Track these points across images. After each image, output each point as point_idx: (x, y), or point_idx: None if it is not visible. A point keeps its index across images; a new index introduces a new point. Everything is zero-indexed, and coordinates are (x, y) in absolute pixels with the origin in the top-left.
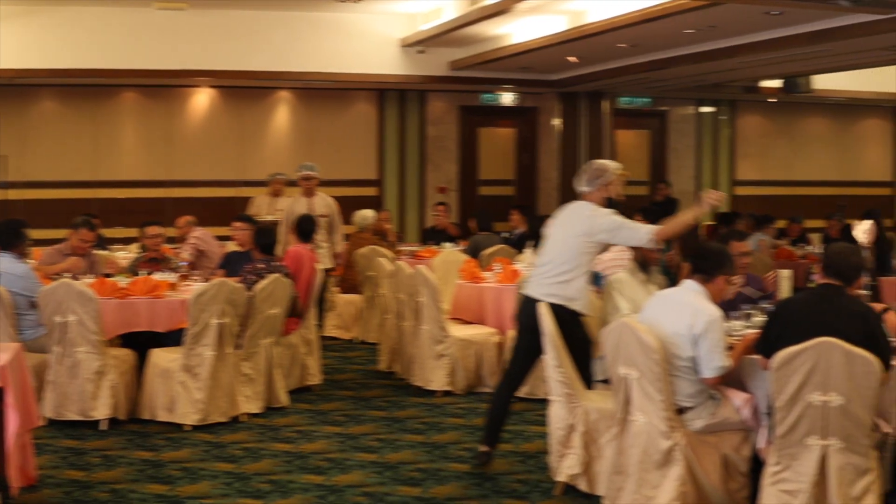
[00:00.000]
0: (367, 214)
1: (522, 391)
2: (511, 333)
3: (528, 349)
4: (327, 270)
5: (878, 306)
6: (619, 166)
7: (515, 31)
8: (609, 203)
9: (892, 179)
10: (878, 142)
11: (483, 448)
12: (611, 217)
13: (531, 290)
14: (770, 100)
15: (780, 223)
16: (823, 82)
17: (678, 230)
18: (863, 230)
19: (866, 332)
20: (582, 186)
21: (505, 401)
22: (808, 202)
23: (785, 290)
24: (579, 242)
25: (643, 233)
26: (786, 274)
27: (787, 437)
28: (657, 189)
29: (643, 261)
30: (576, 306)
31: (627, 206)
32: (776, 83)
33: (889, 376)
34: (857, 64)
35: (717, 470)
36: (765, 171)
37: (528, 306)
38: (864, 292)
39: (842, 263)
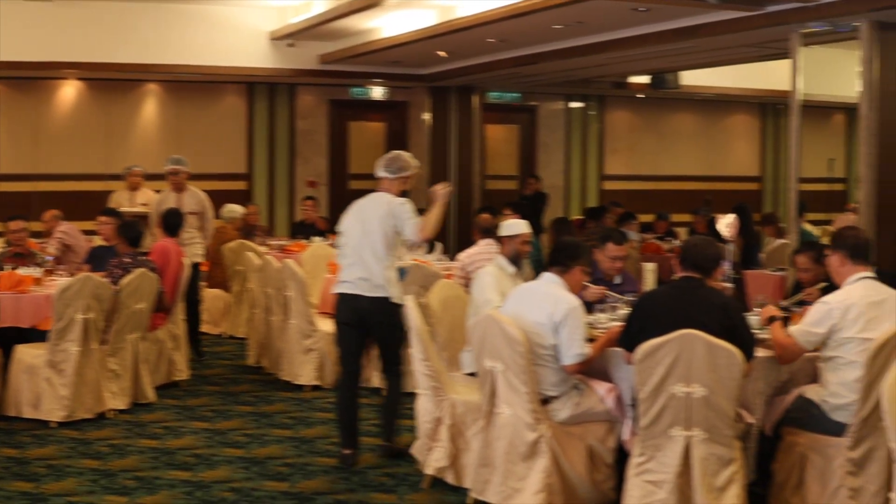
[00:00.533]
0: (234, 209)
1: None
2: None
3: (351, 343)
4: (198, 265)
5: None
6: (418, 164)
7: (385, 25)
8: (402, 195)
9: (759, 175)
10: (746, 138)
11: (346, 451)
12: (405, 206)
13: (350, 288)
14: (638, 95)
15: (648, 217)
16: (691, 78)
17: (433, 225)
18: (725, 224)
19: (727, 324)
20: (384, 173)
21: (350, 399)
22: (676, 197)
23: (649, 283)
24: (388, 230)
25: (413, 227)
26: (650, 267)
27: (650, 428)
28: (527, 183)
29: (515, 255)
30: (395, 297)
31: (497, 201)
32: (644, 79)
33: (752, 367)
34: (724, 60)
35: (583, 461)
36: (633, 166)
37: (347, 303)
38: (727, 285)
39: (699, 256)
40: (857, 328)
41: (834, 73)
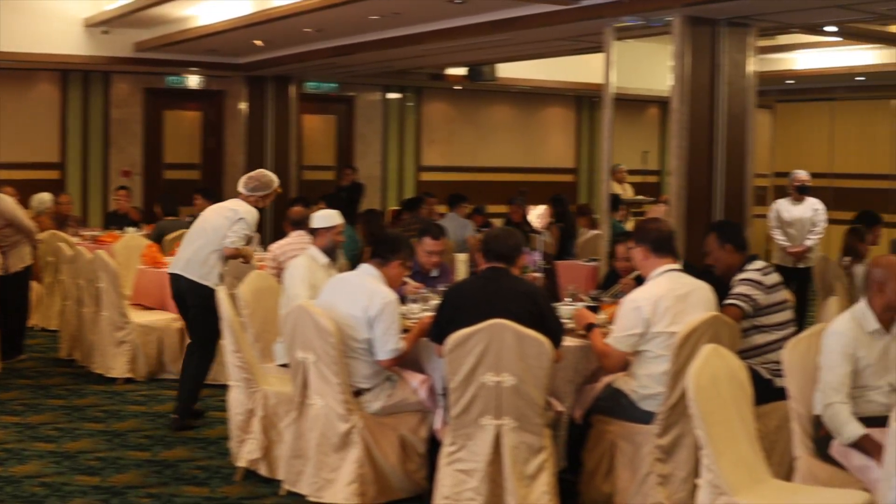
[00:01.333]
0: (44, 198)
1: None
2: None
3: (185, 318)
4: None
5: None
6: (278, 183)
7: (202, 13)
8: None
9: (574, 167)
10: (562, 130)
11: (174, 416)
12: (239, 224)
13: (174, 269)
14: (456, 87)
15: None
16: (508, 71)
17: (233, 253)
18: (537, 214)
19: (535, 311)
20: (241, 189)
21: (186, 367)
22: (493, 188)
23: (462, 274)
24: (220, 234)
25: (229, 244)
26: (462, 258)
27: (461, 417)
28: (343, 174)
29: (329, 246)
30: (212, 284)
31: (314, 191)
32: (462, 71)
33: (562, 355)
34: (540, 53)
35: (396, 451)
36: (450, 158)
37: (172, 282)
38: (537, 274)
39: (500, 246)
40: (665, 323)
41: (647, 66)
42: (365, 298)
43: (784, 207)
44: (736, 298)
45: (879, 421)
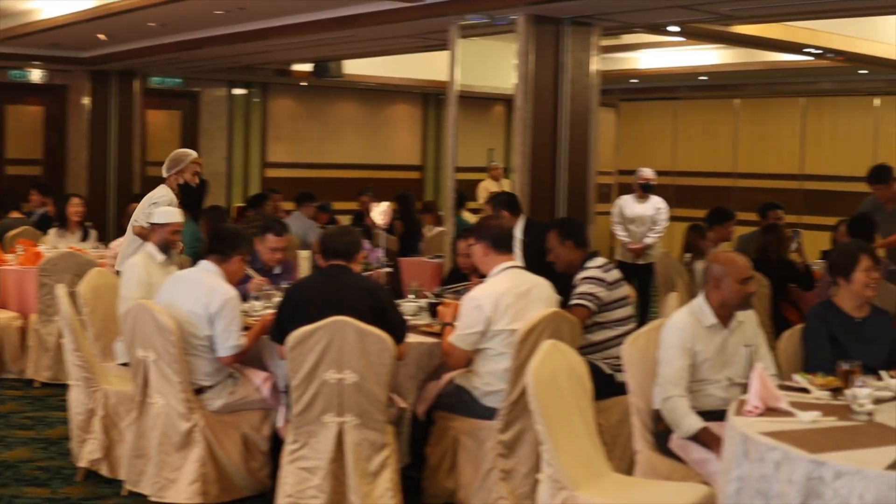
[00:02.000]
0: None
1: (44, 376)
2: (34, 317)
3: None
4: None
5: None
6: (194, 155)
7: (45, 6)
8: (182, 187)
9: (420, 164)
10: (408, 127)
11: None
12: (152, 207)
13: None
14: (302, 83)
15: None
16: (354, 67)
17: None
18: (380, 212)
19: (376, 306)
20: (164, 173)
21: None
22: (339, 185)
23: (304, 270)
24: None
25: (137, 222)
26: (304, 255)
27: (303, 414)
28: None
29: (164, 243)
30: None
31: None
32: (308, 67)
33: (405, 352)
34: (386, 50)
35: (238, 449)
36: (296, 154)
37: None
38: (382, 271)
39: (337, 244)
40: (507, 320)
41: (492, 64)
42: (205, 295)
43: (627, 204)
44: (581, 298)
45: (718, 415)
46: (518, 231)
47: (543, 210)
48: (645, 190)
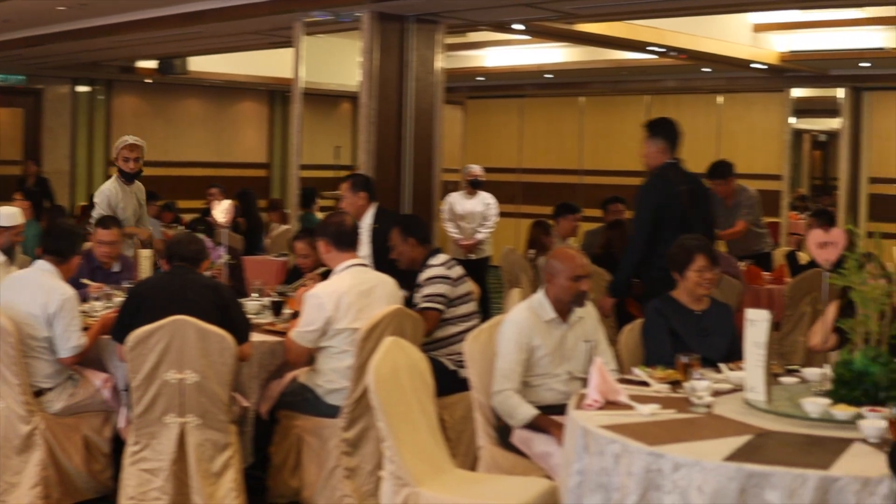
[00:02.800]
0: None
1: None
2: None
3: None
4: None
5: None
6: (125, 142)
7: None
8: (122, 173)
9: (267, 161)
10: (254, 124)
11: None
12: (97, 204)
13: None
14: (147, 80)
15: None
16: (199, 64)
17: None
18: (221, 210)
19: (220, 303)
20: None
21: None
22: (185, 183)
23: (145, 269)
24: None
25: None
26: (145, 254)
27: (144, 415)
28: (27, 169)
29: (8, 245)
30: None
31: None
32: (153, 64)
33: (247, 351)
34: (232, 47)
35: (80, 452)
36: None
37: None
38: (223, 269)
39: (184, 251)
40: (349, 319)
41: (337, 62)
42: (43, 295)
43: (457, 201)
44: (431, 301)
45: (558, 409)
46: (369, 217)
47: (389, 207)
48: (474, 186)
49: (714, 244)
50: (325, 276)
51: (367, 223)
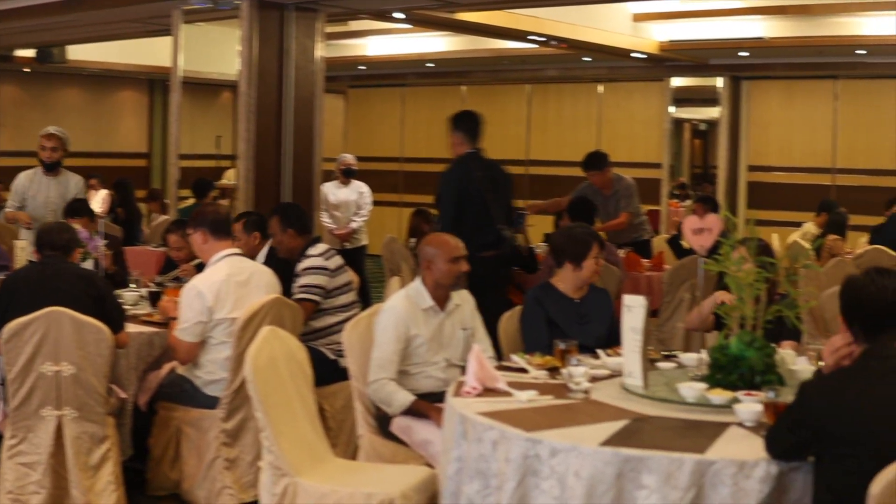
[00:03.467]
0: None
1: None
2: None
3: None
4: None
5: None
6: (44, 130)
7: None
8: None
9: (147, 151)
10: (134, 114)
11: None
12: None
13: None
14: (25, 69)
15: None
16: (78, 53)
17: None
18: (98, 200)
19: (94, 294)
20: None
21: None
22: None
23: (20, 261)
24: None
25: None
26: (21, 245)
27: (21, 409)
28: None
29: None
30: None
31: None
32: (31, 52)
33: (123, 340)
34: (111, 35)
35: None
36: (20, 143)
37: None
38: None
39: (55, 240)
40: (227, 309)
41: (217, 50)
42: None
43: (330, 191)
44: (307, 292)
45: (438, 396)
46: (262, 257)
47: (269, 197)
48: (347, 175)
49: (510, 228)
50: (199, 267)
51: (260, 261)
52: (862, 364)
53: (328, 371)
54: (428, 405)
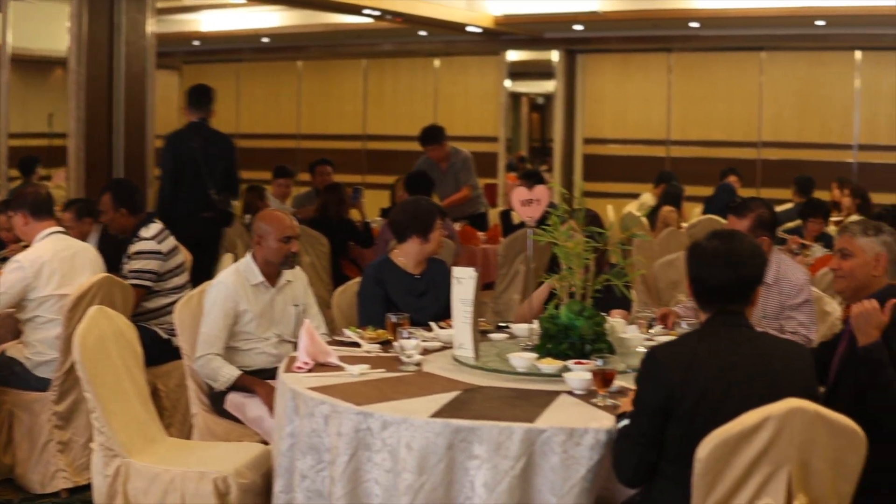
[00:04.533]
0: None
1: None
2: None
3: None
4: None
5: None
6: None
7: None
8: None
9: None
10: None
11: None
12: None
13: None
14: None
15: None
16: None
17: None
18: None
19: None
20: None
21: None
22: None
23: None
24: None
25: None
26: None
27: None
28: None
29: None
30: None
31: None
32: None
33: None
34: None
35: None
36: None
37: None
38: None
39: None
40: (53, 285)
41: (46, 26)
42: None
43: None
44: (138, 277)
45: (270, 372)
46: (93, 240)
47: (100, 175)
48: None
49: (224, 193)
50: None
51: (92, 243)
52: (710, 331)
53: (161, 350)
54: (253, 380)
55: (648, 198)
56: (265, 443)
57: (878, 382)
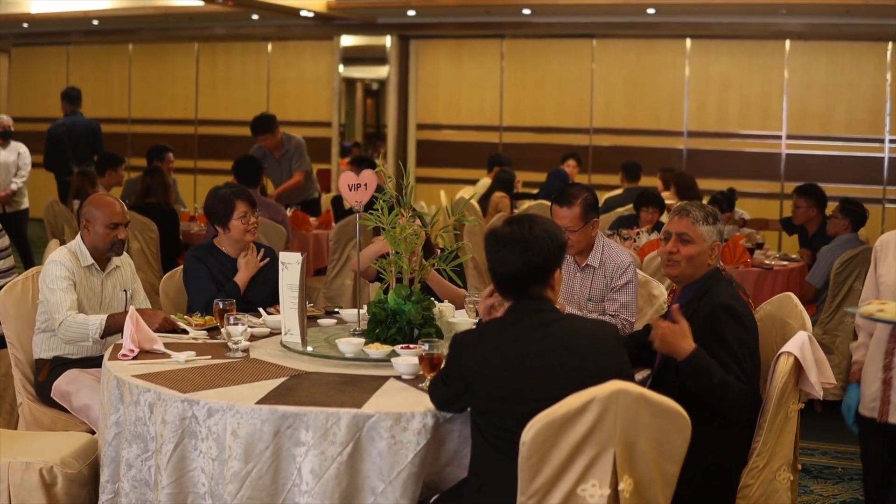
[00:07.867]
0: None
1: None
2: None
3: None
4: None
5: None
6: None
7: None
8: None
9: None
10: None
11: None
12: None
13: None
14: None
15: None
16: None
17: None
18: None
19: None
20: None
21: None
22: None
23: None
24: None
25: None
26: None
27: None
28: None
29: None
30: None
31: None
32: None
33: None
34: None
35: None
36: None
37: None
38: None
39: None
40: None
41: None
42: None
43: None
44: None
45: (98, 361)
46: None
47: None
48: (5, 137)
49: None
50: None
51: None
52: (512, 318)
53: None
54: (123, 314)
55: (485, 182)
56: (92, 432)
57: (714, 384)
